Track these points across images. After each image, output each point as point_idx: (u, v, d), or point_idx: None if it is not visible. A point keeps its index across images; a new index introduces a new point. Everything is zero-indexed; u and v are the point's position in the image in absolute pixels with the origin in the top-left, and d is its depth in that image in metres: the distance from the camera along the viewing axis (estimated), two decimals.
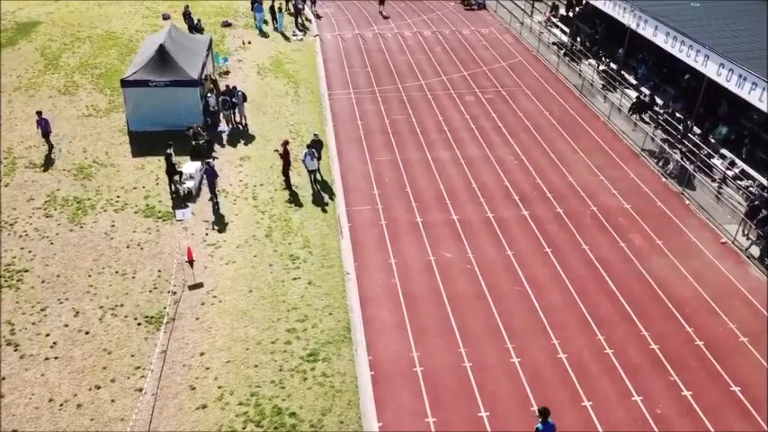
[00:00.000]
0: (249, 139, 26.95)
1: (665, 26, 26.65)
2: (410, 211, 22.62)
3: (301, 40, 39.31)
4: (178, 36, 29.22)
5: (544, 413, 13.04)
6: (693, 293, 18.71)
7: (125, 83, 26.21)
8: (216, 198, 22.27)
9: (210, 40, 31.83)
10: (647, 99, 28.71)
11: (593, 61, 33.61)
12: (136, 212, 21.68)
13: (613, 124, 28.85)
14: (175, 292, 18.07)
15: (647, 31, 27.98)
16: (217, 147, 26.19)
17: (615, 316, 17.77)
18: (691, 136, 25.37)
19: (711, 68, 23.63)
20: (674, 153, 25.33)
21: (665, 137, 26.52)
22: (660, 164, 25.36)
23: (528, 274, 19.36)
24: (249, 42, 37.94)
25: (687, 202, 23.18)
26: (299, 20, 41.76)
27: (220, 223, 21.34)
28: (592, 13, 35.28)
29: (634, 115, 27.87)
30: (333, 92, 32.16)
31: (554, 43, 37.55)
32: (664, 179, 24.65)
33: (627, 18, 29.57)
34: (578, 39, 36.22)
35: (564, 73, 34.46)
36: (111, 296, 17.85)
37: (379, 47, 38.43)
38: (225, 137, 27.09)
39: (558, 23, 39.30)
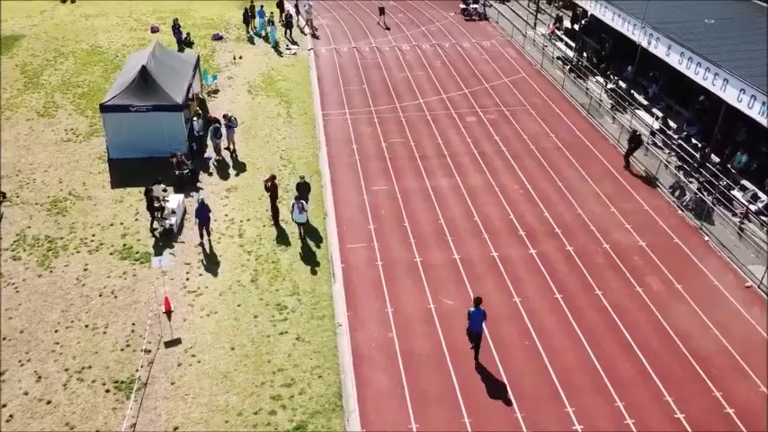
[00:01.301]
0: (237, 166, 25.30)
1: (679, 45, 25.04)
2: (408, 249, 20.99)
3: (295, 54, 37.66)
4: (163, 55, 27.58)
5: (477, 300, 15.93)
6: (719, 348, 17.07)
7: (104, 108, 24.58)
8: (202, 238, 20.57)
9: (198, 58, 30.21)
10: (659, 122, 27.10)
11: (600, 79, 31.98)
12: (111, 254, 20.03)
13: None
14: (149, 351, 16.42)
15: (660, 49, 26.36)
16: (202, 176, 24.53)
17: (634, 376, 16.12)
18: (709, 165, 23.68)
19: (731, 93, 22.02)
20: (691, 183, 23.71)
21: (679, 164, 24.90)
22: (676, 194, 23.70)
23: (537, 325, 17.72)
24: (240, 57, 36.30)
25: (706, 238, 21.55)
26: (291, 32, 40.04)
27: (203, 266, 19.70)
28: (598, 27, 33.63)
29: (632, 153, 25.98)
30: (327, 112, 30.52)
31: (558, 58, 35.92)
32: (680, 211, 23.02)
33: (637, 35, 27.94)
34: (584, 54, 34.57)
35: (570, 90, 32.83)
36: (79, 356, 16.18)
37: (376, 62, 36.79)
38: (212, 164, 25.44)
39: (563, 37, 37.65)
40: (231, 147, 26.10)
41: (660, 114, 27.57)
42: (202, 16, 43.36)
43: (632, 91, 29.87)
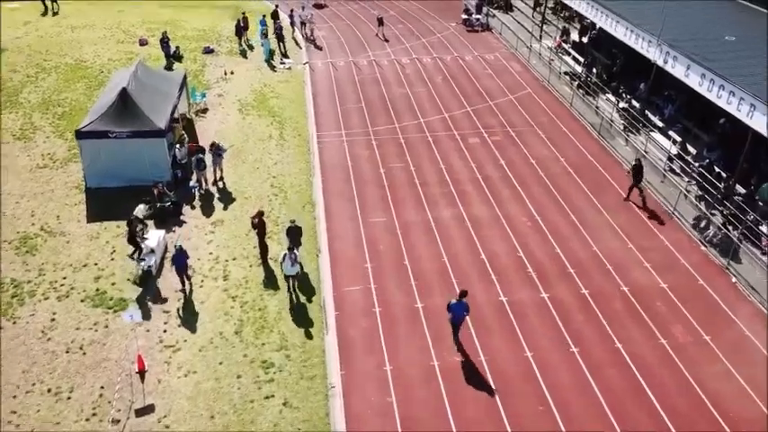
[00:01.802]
0: (224, 197, 23.50)
1: (699, 66, 23.24)
2: (409, 292, 19.20)
3: (289, 68, 35.89)
4: (146, 75, 25.78)
5: (462, 294, 16.49)
6: (755, 414, 15.26)
7: (80, 134, 22.82)
8: (184, 285, 18.74)
9: (184, 77, 28.38)
10: (677, 147, 25.32)
11: (611, 97, 30.21)
12: (83, 300, 18.23)
13: None
14: (118, 420, 14.62)
15: (678, 69, 24.54)
16: (186, 208, 22.72)
17: None
18: (734, 197, 21.90)
19: (759, 121, 20.19)
20: (714, 214, 21.94)
21: (700, 193, 23.13)
22: (697, 228, 21.93)
23: (552, 387, 15.91)
24: (232, 73, 34.53)
25: (734, 279, 19.75)
26: (284, 45, 38.27)
27: (183, 315, 17.90)
28: (608, 41, 31.81)
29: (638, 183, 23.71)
30: (322, 133, 28.73)
31: (566, 73, 34.17)
32: (703, 247, 21.24)
33: (652, 53, 26.16)
34: (594, 70, 32.80)
35: (579, 108, 31.06)
36: (38, 429, 14.38)
37: (374, 77, 35.03)
38: (196, 193, 23.64)
39: (571, 50, 35.90)
40: (219, 175, 24.28)
41: (678, 138, 25.78)
42: (193, 27, 41.61)
43: (646, 111, 28.10)
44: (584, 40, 35.49)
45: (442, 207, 23.45)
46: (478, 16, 43.24)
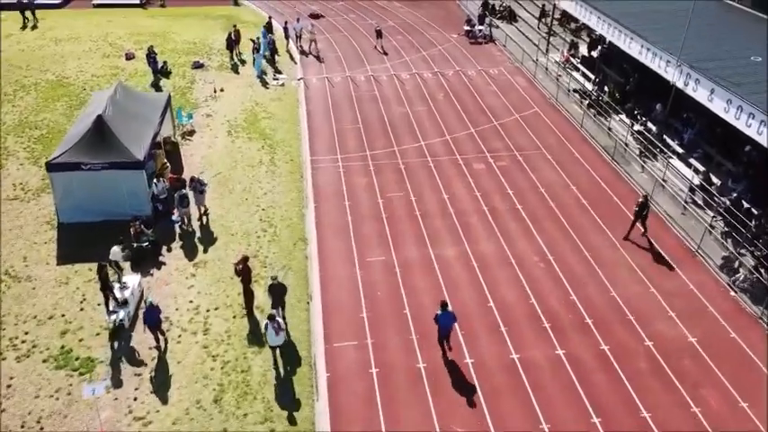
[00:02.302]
0: (208, 234, 21.59)
1: (725, 91, 21.34)
2: (410, 349, 17.29)
3: (282, 84, 34.00)
4: (125, 99, 23.88)
5: (443, 305, 16.28)
6: None
7: (51, 166, 20.97)
8: (158, 342, 16.85)
9: (169, 98, 26.43)
10: (699, 177, 23.40)
11: (625, 118, 28.30)
12: (45, 360, 16.34)
13: (658, 205, 23.51)
14: None
15: (700, 93, 22.67)
16: (165, 248, 20.81)
17: None
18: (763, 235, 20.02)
19: None
20: (743, 255, 20.05)
21: (726, 229, 21.24)
22: (726, 269, 20.03)
23: None
24: (222, 90, 32.63)
25: None
26: (276, 60, 36.43)
27: (156, 379, 15.99)
28: (620, 56, 29.88)
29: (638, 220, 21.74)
30: (316, 158, 26.84)
31: (575, 90, 32.27)
32: (733, 293, 19.34)
33: (671, 73, 24.28)
34: (605, 87, 30.89)
35: (589, 130, 29.15)
36: None
37: (372, 94, 33.12)
38: (177, 228, 21.75)
39: (580, 66, 33.98)
40: (203, 210, 22.37)
41: (701, 167, 23.83)
42: (183, 40, 39.69)
43: (664, 135, 26.19)
44: (594, 54, 33.59)
45: (445, 244, 21.56)
46: (481, 27, 41.34)
